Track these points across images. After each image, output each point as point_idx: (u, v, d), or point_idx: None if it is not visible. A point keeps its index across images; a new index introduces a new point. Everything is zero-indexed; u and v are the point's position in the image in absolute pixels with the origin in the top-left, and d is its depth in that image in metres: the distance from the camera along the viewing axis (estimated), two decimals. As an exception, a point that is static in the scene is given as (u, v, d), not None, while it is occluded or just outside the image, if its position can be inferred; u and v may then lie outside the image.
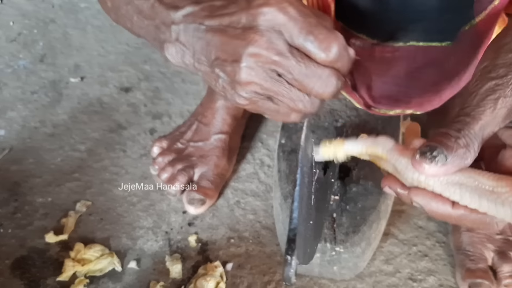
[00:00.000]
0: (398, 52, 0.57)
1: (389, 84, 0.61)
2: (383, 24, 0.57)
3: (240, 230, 0.83)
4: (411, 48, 0.56)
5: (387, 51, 0.58)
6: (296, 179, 0.36)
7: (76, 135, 0.98)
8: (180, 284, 0.76)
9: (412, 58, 0.57)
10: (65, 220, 0.85)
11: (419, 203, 0.40)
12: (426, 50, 0.56)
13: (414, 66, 0.57)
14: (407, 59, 0.57)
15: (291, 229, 0.34)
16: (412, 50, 0.56)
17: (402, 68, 0.58)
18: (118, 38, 1.16)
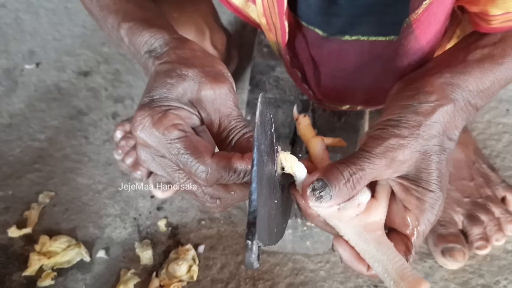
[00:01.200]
0: (345, 46, 0.56)
1: (338, 79, 0.61)
2: (332, 18, 0.56)
3: (210, 211, 0.81)
4: (358, 43, 0.55)
5: (335, 45, 0.57)
6: (253, 159, 0.34)
7: (34, 124, 0.94)
8: (152, 270, 0.75)
9: (359, 53, 0.56)
10: (28, 213, 0.81)
11: (341, 254, 0.43)
12: (372, 45, 0.55)
13: (361, 61, 0.57)
14: (354, 53, 0.57)
15: (250, 213, 0.32)
16: (359, 45, 0.56)
17: (350, 62, 0.58)
18: (74, 21, 1.10)
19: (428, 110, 0.43)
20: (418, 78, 0.46)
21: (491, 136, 0.86)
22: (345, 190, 0.41)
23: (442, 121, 0.43)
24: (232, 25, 1.07)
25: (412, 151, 0.42)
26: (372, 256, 0.42)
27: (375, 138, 0.42)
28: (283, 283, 0.72)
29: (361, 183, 0.41)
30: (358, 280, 0.72)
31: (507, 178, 0.80)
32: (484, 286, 0.70)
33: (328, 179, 0.41)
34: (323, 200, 0.40)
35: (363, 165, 0.41)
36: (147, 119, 0.40)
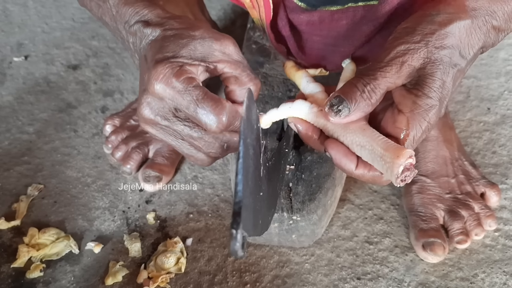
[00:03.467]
0: (336, 14, 0.57)
1: (329, 45, 0.62)
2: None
3: (198, 204, 0.82)
4: (350, 10, 0.56)
5: (325, 15, 0.58)
6: (239, 152, 0.35)
7: (23, 117, 0.94)
8: (140, 263, 0.76)
9: (351, 19, 0.58)
10: (17, 205, 0.82)
11: (331, 154, 0.46)
12: (364, 10, 0.56)
13: (352, 26, 0.58)
14: (345, 20, 0.58)
15: (235, 203, 0.33)
16: (351, 11, 0.57)
17: (342, 29, 0.59)
18: (63, 13, 1.10)
19: (444, 20, 0.43)
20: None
21: (472, 134, 0.88)
22: (362, 102, 0.42)
23: (457, 34, 0.43)
24: (221, 20, 1.08)
25: (421, 57, 0.42)
26: (359, 143, 0.44)
27: (386, 47, 0.43)
28: (269, 275, 0.74)
29: (376, 93, 0.42)
30: (342, 273, 0.74)
31: (487, 174, 0.82)
32: (463, 278, 0.72)
33: (344, 93, 0.42)
34: (342, 113, 0.42)
35: (376, 74, 0.42)
36: (168, 70, 0.42)
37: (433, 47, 0.42)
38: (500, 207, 0.79)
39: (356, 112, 0.43)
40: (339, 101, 0.42)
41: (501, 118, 0.90)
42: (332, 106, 0.42)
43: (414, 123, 0.43)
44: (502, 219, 0.78)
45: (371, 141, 0.43)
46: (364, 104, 0.42)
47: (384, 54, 0.43)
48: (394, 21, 0.54)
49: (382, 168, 0.43)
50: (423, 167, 0.79)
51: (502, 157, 0.85)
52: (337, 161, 0.46)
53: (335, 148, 0.45)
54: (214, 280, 0.74)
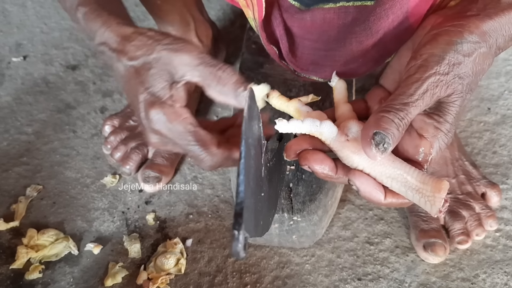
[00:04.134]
0: (329, 14, 0.57)
1: (319, 50, 0.61)
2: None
3: (198, 205, 0.82)
4: (342, 10, 0.56)
5: (318, 15, 0.57)
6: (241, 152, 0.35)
7: (21, 118, 0.94)
8: (140, 264, 0.76)
9: (342, 20, 0.57)
10: (15, 206, 0.81)
11: (358, 186, 0.44)
12: (356, 10, 0.56)
13: (343, 28, 0.57)
14: (337, 21, 0.57)
15: (237, 203, 0.33)
16: (343, 12, 0.56)
17: (333, 32, 0.58)
18: (61, 14, 1.10)
19: (469, 50, 0.44)
20: (461, 16, 0.47)
21: (473, 134, 0.88)
22: (399, 135, 0.42)
23: (476, 62, 0.45)
24: (220, 21, 1.07)
25: (450, 88, 0.43)
26: (389, 175, 0.43)
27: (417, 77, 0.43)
28: (269, 276, 0.74)
29: (408, 124, 0.43)
30: (342, 273, 0.73)
31: (487, 174, 0.82)
32: (464, 279, 0.72)
33: (384, 129, 0.41)
34: (387, 150, 0.41)
35: (410, 110, 0.42)
36: (161, 116, 0.45)
37: (458, 77, 0.44)
38: (500, 207, 0.79)
39: (394, 144, 0.42)
40: (382, 138, 0.41)
41: (502, 118, 0.90)
42: (378, 144, 0.41)
43: (435, 147, 0.44)
44: (503, 219, 0.78)
45: (404, 174, 0.43)
46: (399, 136, 0.42)
47: (416, 86, 0.43)
48: (388, 34, 0.53)
49: (419, 200, 0.43)
50: (423, 167, 0.79)
51: (503, 157, 0.85)
52: (365, 194, 0.45)
53: (363, 181, 0.44)
54: (214, 281, 0.73)
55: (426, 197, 0.42)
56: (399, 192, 0.44)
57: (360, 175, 0.44)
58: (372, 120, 0.43)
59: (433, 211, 0.42)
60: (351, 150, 0.44)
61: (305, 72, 0.64)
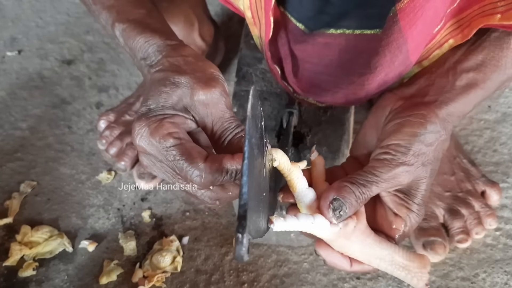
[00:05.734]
0: (330, 40, 0.56)
1: (320, 74, 0.61)
2: (323, 12, 0.56)
3: (195, 202, 0.81)
4: (343, 37, 0.55)
5: (320, 39, 0.57)
6: (244, 153, 0.34)
7: (16, 113, 0.92)
8: (135, 261, 0.74)
9: (344, 47, 0.56)
10: (9, 203, 0.80)
11: (324, 257, 0.48)
12: (357, 38, 0.55)
13: (344, 55, 0.57)
14: (338, 47, 0.57)
15: (241, 206, 0.32)
16: (343, 38, 0.56)
17: (333, 57, 0.58)
18: (57, 8, 1.09)
19: (431, 140, 0.49)
20: (420, 104, 0.51)
21: (473, 132, 0.87)
22: (356, 207, 0.46)
23: (437, 149, 0.49)
24: (218, 16, 1.06)
25: (413, 176, 0.48)
26: (377, 256, 0.48)
27: (385, 164, 0.47)
28: (266, 275, 0.73)
29: (365, 201, 0.47)
30: (341, 272, 0.72)
31: (488, 173, 0.81)
32: (463, 278, 0.71)
33: (343, 198, 0.45)
34: (342, 218, 0.45)
35: (372, 188, 0.46)
36: (144, 129, 0.43)
37: (422, 165, 0.48)
38: (501, 206, 0.78)
39: (349, 213, 0.46)
40: (339, 205, 0.44)
41: (502, 116, 0.89)
42: (335, 210, 0.45)
43: (409, 224, 0.49)
44: (503, 218, 0.77)
45: (393, 254, 0.47)
46: (354, 210, 0.46)
47: (383, 169, 0.47)
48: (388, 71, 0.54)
49: (405, 277, 0.48)
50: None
51: (503, 155, 0.84)
52: (331, 264, 0.48)
53: (328, 252, 0.47)
54: (211, 279, 0.72)
55: (413, 274, 0.48)
56: (386, 270, 0.48)
57: (325, 247, 0.47)
58: (336, 186, 0.46)
59: (420, 285, 0.48)
60: (344, 236, 0.46)
61: (305, 94, 0.64)
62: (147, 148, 0.43)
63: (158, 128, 0.42)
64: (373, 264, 0.48)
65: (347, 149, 0.74)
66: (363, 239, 0.47)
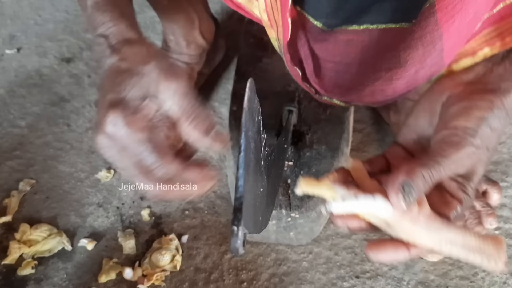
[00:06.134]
0: (352, 37, 0.55)
1: (342, 73, 0.59)
2: (342, 7, 0.55)
3: (194, 201, 0.81)
4: (366, 32, 0.54)
5: (341, 37, 0.56)
6: (240, 145, 0.34)
7: (14, 110, 0.92)
8: (135, 260, 0.74)
9: (367, 43, 0.55)
10: (8, 201, 0.80)
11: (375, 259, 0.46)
12: (382, 34, 0.54)
13: (368, 52, 0.56)
14: (361, 44, 0.55)
15: (237, 198, 0.32)
16: (367, 34, 0.54)
17: (356, 54, 0.56)
18: (56, 5, 1.08)
19: (497, 126, 0.48)
20: (486, 90, 0.50)
21: (473, 131, 0.87)
22: (422, 190, 0.44)
23: (498, 136, 0.49)
24: (218, 14, 1.06)
25: (477, 159, 0.47)
26: (448, 241, 0.44)
27: (454, 145, 0.46)
28: (266, 273, 0.73)
29: (434, 184, 0.45)
30: (340, 271, 0.72)
31: (487, 172, 0.81)
32: (462, 277, 0.71)
33: (413, 181, 0.43)
34: (409, 203, 0.43)
35: (441, 170, 0.44)
36: (119, 119, 0.42)
37: (486, 150, 0.47)
38: (500, 205, 0.78)
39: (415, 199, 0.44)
40: (409, 189, 0.43)
41: (501, 115, 0.89)
42: (405, 194, 0.43)
43: (466, 205, 0.48)
44: (503, 217, 0.77)
45: (463, 236, 0.45)
46: (422, 192, 0.44)
47: (451, 151, 0.45)
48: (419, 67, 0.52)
49: (481, 260, 0.45)
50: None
51: (503, 154, 0.84)
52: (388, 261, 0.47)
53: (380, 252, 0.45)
54: (210, 278, 0.72)
55: (488, 255, 0.44)
56: (458, 255, 0.45)
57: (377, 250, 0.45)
58: (405, 169, 0.44)
59: (499, 266, 0.44)
60: (410, 219, 0.44)
61: (329, 94, 0.63)
62: (117, 135, 0.43)
63: (134, 120, 0.42)
64: (445, 250, 0.45)
65: (346, 148, 0.74)
66: (430, 224, 0.44)
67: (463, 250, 0.44)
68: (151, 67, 0.45)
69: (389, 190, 0.43)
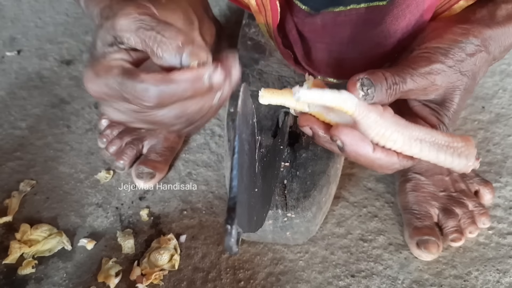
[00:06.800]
0: (339, 18, 0.56)
1: (334, 53, 0.60)
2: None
3: (192, 201, 0.82)
4: (353, 12, 0.55)
5: (328, 19, 0.57)
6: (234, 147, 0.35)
7: (15, 112, 0.93)
8: (134, 259, 0.75)
9: (354, 23, 0.56)
10: (9, 201, 0.81)
11: (343, 140, 0.43)
12: (368, 12, 0.55)
13: (356, 31, 0.57)
14: (349, 24, 0.56)
15: (230, 198, 0.33)
16: (354, 14, 0.55)
17: (345, 34, 0.57)
18: (56, 8, 1.09)
19: (472, 51, 0.47)
20: (464, 20, 0.50)
21: (467, 132, 0.88)
22: (383, 96, 0.43)
23: (476, 65, 0.47)
24: (216, 18, 1.07)
25: (449, 81, 0.46)
26: (417, 137, 0.43)
27: (423, 59, 0.45)
28: (263, 273, 0.74)
29: (397, 95, 0.44)
30: (336, 270, 0.73)
31: (481, 173, 0.82)
32: (456, 276, 0.73)
33: (374, 80, 0.43)
34: (368, 98, 0.42)
35: (406, 79, 0.44)
36: (89, 71, 0.41)
37: (459, 73, 0.46)
38: (493, 205, 0.79)
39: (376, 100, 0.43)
40: (369, 83, 0.42)
41: (496, 117, 0.90)
42: (363, 85, 0.42)
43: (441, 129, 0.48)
44: (496, 217, 0.78)
45: (432, 133, 0.44)
46: (383, 99, 0.43)
47: (420, 64, 0.45)
48: (406, 33, 0.53)
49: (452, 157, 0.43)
50: (417, 165, 0.79)
51: (496, 155, 0.85)
52: (352, 147, 0.44)
53: (347, 132, 0.43)
54: (208, 277, 0.73)
55: (459, 151, 0.43)
56: (429, 156, 0.43)
57: (345, 128, 0.43)
58: (368, 71, 0.44)
59: (470, 162, 0.43)
60: (377, 113, 0.43)
61: (322, 75, 0.63)
62: (98, 89, 0.41)
63: (99, 65, 0.41)
64: (414, 149, 0.43)
65: (342, 149, 0.75)
66: (397, 120, 0.43)
67: (432, 148, 0.43)
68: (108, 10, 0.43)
69: (349, 82, 0.43)
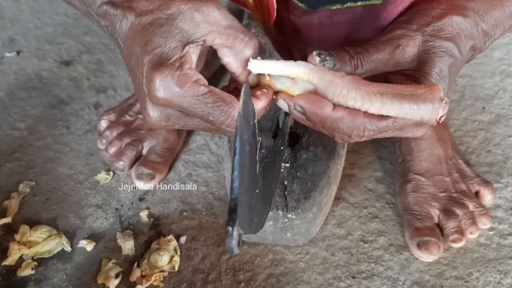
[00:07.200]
0: (336, 16, 0.56)
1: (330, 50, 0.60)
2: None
3: (192, 202, 0.82)
4: (349, 10, 0.55)
5: (325, 17, 0.57)
6: (235, 148, 0.35)
7: (14, 113, 0.93)
8: (133, 261, 0.75)
9: (350, 21, 0.56)
10: (8, 202, 0.81)
11: (303, 106, 0.44)
12: (364, 10, 0.55)
13: (352, 28, 0.57)
14: (345, 22, 0.57)
15: (232, 199, 0.33)
16: (350, 12, 0.56)
17: (341, 32, 0.58)
18: (55, 9, 1.09)
19: (438, 14, 0.46)
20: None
21: (467, 133, 0.88)
22: (348, 66, 0.43)
23: (450, 29, 0.45)
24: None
25: (416, 44, 0.44)
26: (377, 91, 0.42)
27: (387, 31, 0.46)
28: (263, 274, 0.73)
29: (363, 65, 0.44)
30: (336, 271, 0.73)
31: (481, 173, 0.82)
32: (457, 277, 0.72)
33: (336, 53, 0.43)
34: (327, 63, 0.43)
35: (369, 48, 0.44)
36: (168, 80, 0.39)
37: (428, 35, 0.45)
38: (494, 206, 0.79)
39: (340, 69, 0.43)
40: (328, 53, 0.43)
41: (496, 117, 0.90)
42: (321, 54, 0.43)
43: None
44: (497, 218, 0.78)
45: (393, 86, 0.42)
46: (348, 68, 0.43)
47: (381, 35, 0.45)
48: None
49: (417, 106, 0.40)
50: (418, 165, 0.79)
51: (497, 156, 0.85)
52: (311, 108, 0.43)
53: (305, 97, 0.44)
54: (208, 278, 0.73)
55: (423, 96, 0.40)
56: (393, 108, 0.41)
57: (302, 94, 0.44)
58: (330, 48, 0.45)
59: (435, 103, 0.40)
60: (333, 75, 0.43)
61: None
62: (173, 100, 0.39)
63: (183, 77, 0.39)
64: (376, 103, 0.42)
65: (342, 150, 0.75)
66: (357, 79, 0.42)
67: (395, 99, 0.41)
68: (177, 7, 0.40)
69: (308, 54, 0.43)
